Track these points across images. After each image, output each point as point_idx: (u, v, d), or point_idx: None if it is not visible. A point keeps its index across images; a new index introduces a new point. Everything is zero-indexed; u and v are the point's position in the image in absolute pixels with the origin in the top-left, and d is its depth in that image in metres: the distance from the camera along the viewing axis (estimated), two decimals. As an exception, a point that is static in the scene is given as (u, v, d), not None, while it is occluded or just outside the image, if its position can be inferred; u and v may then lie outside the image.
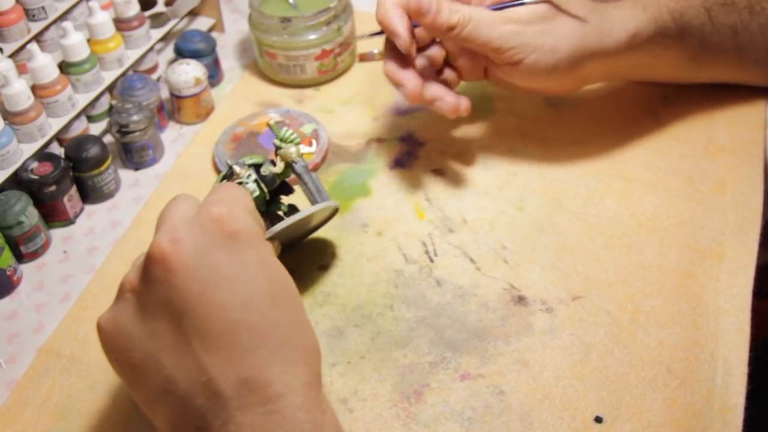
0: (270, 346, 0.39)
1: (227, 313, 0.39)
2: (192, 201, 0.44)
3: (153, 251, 0.40)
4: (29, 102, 0.63)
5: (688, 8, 0.62)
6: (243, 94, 0.77)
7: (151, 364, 0.39)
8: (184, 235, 0.40)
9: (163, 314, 0.39)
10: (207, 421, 0.38)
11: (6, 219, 0.60)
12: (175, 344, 0.39)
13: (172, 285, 0.39)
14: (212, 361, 0.38)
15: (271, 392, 0.38)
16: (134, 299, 0.40)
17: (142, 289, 0.40)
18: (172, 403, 0.39)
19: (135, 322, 0.40)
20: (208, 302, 0.39)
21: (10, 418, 0.53)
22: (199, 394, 0.38)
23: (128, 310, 0.40)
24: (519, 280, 0.58)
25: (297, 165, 0.56)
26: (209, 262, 0.39)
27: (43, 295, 0.61)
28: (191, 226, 0.40)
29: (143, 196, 0.68)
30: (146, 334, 0.40)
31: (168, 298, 0.39)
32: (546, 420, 0.50)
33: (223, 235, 0.40)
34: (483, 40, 0.58)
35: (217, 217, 0.40)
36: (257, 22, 0.75)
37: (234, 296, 0.39)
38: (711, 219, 0.61)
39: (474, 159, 0.68)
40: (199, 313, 0.39)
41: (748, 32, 0.64)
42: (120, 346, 0.41)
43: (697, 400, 0.50)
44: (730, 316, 0.54)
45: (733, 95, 0.70)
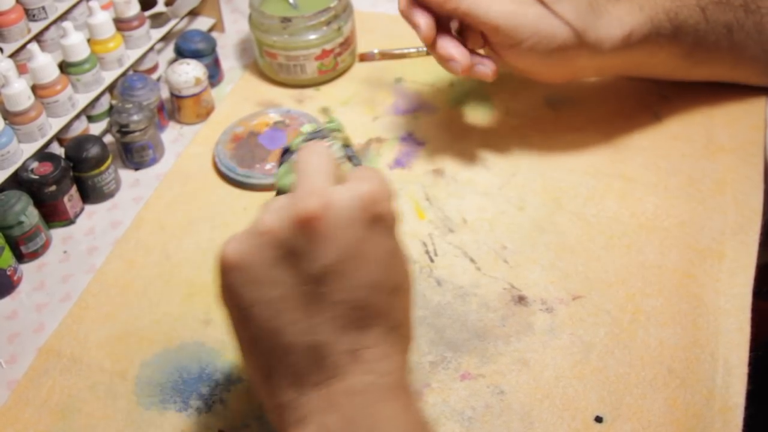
0: (382, 328, 0.41)
1: (354, 288, 0.40)
2: (330, 161, 0.43)
3: (302, 207, 0.39)
4: (29, 102, 0.63)
5: (683, 7, 0.63)
6: (243, 94, 0.77)
7: (264, 309, 0.40)
8: (335, 202, 0.40)
9: (293, 268, 0.39)
10: (303, 378, 0.40)
11: (6, 219, 0.60)
12: (297, 299, 0.39)
13: (311, 245, 0.39)
14: (327, 328, 0.39)
15: (375, 368, 0.40)
16: (269, 243, 0.40)
17: (280, 237, 0.40)
18: (273, 351, 0.40)
19: (265, 264, 0.40)
20: (340, 273, 0.39)
21: (11, 418, 0.53)
22: (303, 352, 0.40)
23: (260, 251, 0.40)
24: (519, 280, 0.58)
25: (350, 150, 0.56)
26: (352, 236, 0.40)
27: (44, 295, 0.61)
28: (343, 194, 0.40)
29: (143, 196, 0.68)
30: (270, 280, 0.40)
31: (303, 256, 0.39)
32: (546, 420, 0.50)
33: (370, 214, 0.40)
34: (483, 17, 0.58)
35: (369, 196, 0.40)
36: (257, 22, 0.75)
37: (364, 275, 0.40)
38: (711, 219, 0.61)
39: (474, 159, 0.68)
40: (327, 280, 0.39)
41: (744, 31, 0.64)
42: (240, 282, 0.40)
43: (697, 400, 0.50)
44: (731, 316, 0.54)
45: (732, 95, 0.70)
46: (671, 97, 0.71)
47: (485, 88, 0.74)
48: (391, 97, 0.75)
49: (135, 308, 0.59)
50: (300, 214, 0.39)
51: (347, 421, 0.39)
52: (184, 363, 0.55)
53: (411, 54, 0.79)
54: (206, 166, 0.70)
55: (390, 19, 0.83)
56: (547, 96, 0.73)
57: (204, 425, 0.51)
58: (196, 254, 0.62)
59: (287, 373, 0.40)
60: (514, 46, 0.60)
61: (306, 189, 0.40)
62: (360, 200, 0.40)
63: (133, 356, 0.56)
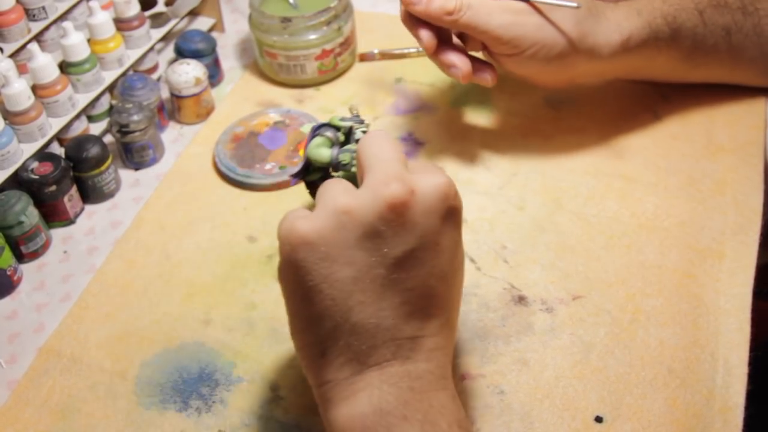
0: (442, 319, 0.42)
1: (426, 276, 0.41)
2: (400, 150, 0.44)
3: (389, 192, 0.40)
4: (29, 102, 0.63)
5: (681, 11, 0.63)
6: (243, 94, 0.77)
7: (335, 288, 0.40)
8: (419, 190, 0.41)
9: (372, 250, 0.40)
10: (362, 358, 0.41)
11: (6, 219, 0.60)
12: (371, 281, 0.40)
13: (395, 231, 0.40)
14: (394, 312, 0.40)
15: (432, 356, 0.41)
16: (349, 223, 0.40)
17: (361, 218, 0.40)
18: (335, 329, 0.41)
19: (341, 244, 0.40)
20: (416, 260, 0.40)
21: (11, 418, 0.53)
22: (367, 334, 0.40)
23: (338, 230, 0.40)
24: (519, 280, 0.58)
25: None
26: (431, 224, 0.41)
27: (44, 295, 0.61)
28: (424, 182, 0.41)
29: (143, 196, 0.68)
30: (346, 259, 0.40)
31: (384, 239, 0.40)
32: (546, 420, 0.50)
33: (446, 206, 0.41)
34: (483, 28, 0.58)
35: (446, 186, 0.42)
36: (257, 22, 0.75)
37: (436, 264, 0.41)
38: (711, 219, 0.61)
39: (474, 159, 0.68)
40: (404, 266, 0.40)
41: (742, 33, 0.64)
42: (313, 259, 0.40)
43: (697, 399, 0.50)
44: (731, 316, 0.54)
45: (732, 95, 0.70)
46: (671, 97, 0.71)
47: (485, 89, 0.74)
48: (391, 97, 0.75)
49: (135, 308, 0.59)
50: (387, 198, 0.40)
51: (402, 403, 0.40)
52: (184, 363, 0.55)
53: (411, 54, 0.79)
54: (206, 166, 0.70)
55: (390, 19, 0.83)
56: (547, 96, 0.73)
57: (204, 425, 0.51)
58: (196, 254, 0.62)
59: (346, 351, 0.41)
60: (514, 55, 0.60)
61: (388, 174, 0.41)
62: (440, 190, 0.41)
63: (133, 356, 0.56)
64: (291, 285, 0.42)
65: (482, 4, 0.58)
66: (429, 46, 0.60)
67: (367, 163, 0.43)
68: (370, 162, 0.42)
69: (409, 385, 0.40)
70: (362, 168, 0.43)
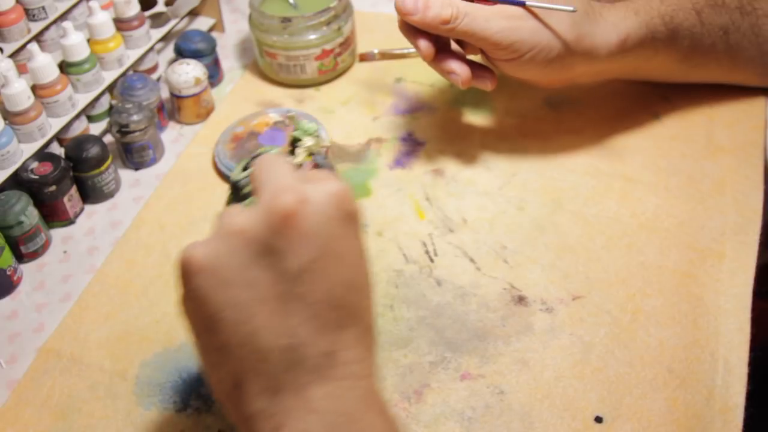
0: (358, 329, 0.40)
1: (332, 286, 0.39)
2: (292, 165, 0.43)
3: (279, 204, 0.38)
4: (29, 102, 0.63)
5: (679, 11, 0.63)
6: (243, 94, 0.77)
7: (238, 312, 0.39)
8: (311, 199, 0.39)
9: (269, 268, 0.38)
10: (279, 383, 0.38)
11: (6, 219, 0.60)
12: (272, 300, 0.38)
13: (289, 243, 0.38)
14: (304, 328, 0.38)
15: (352, 371, 0.39)
16: (242, 244, 0.39)
17: (254, 236, 0.39)
18: (247, 357, 0.39)
19: (237, 267, 0.39)
20: (318, 271, 0.39)
21: (11, 418, 0.53)
22: (280, 355, 0.38)
23: (232, 253, 0.39)
24: (519, 280, 0.58)
25: (318, 157, 0.56)
26: (328, 232, 0.39)
27: (44, 294, 0.61)
28: (316, 191, 0.40)
29: (143, 196, 0.68)
30: (245, 282, 0.39)
31: (280, 254, 0.38)
32: (546, 420, 0.50)
33: (344, 211, 0.40)
34: (480, 35, 0.58)
35: (341, 193, 0.40)
36: (257, 22, 0.75)
37: (341, 273, 0.39)
38: (711, 219, 0.61)
39: (474, 159, 0.68)
40: (306, 279, 0.38)
41: (740, 32, 0.64)
42: (211, 286, 0.39)
43: (697, 400, 0.50)
44: (730, 316, 0.54)
45: (733, 95, 0.70)
46: (671, 98, 0.71)
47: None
48: (391, 97, 0.75)
49: (135, 308, 0.59)
50: (277, 211, 0.38)
51: (328, 427, 0.38)
52: (183, 363, 0.55)
53: (411, 54, 0.79)
54: (206, 166, 0.70)
55: (390, 19, 0.83)
56: (547, 96, 0.73)
57: (204, 425, 0.51)
58: (196, 254, 0.62)
59: (261, 379, 0.39)
60: (513, 59, 0.60)
61: (278, 187, 0.39)
62: (335, 197, 0.40)
63: (133, 356, 0.56)
64: (193, 317, 0.41)
65: (478, 11, 0.58)
66: (427, 54, 0.60)
67: (259, 184, 0.41)
68: (261, 182, 0.41)
69: (330, 407, 0.38)
70: (257, 191, 0.42)
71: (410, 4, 0.58)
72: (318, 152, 0.55)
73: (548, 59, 0.60)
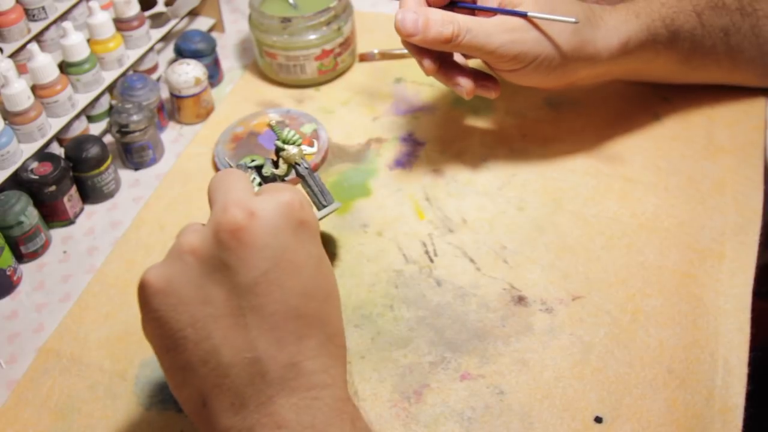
0: (320, 338, 0.40)
1: (288, 297, 0.39)
2: (246, 180, 0.43)
3: (226, 220, 0.39)
4: (29, 102, 0.63)
5: (680, 13, 0.63)
6: (243, 94, 0.77)
7: (198, 330, 0.39)
8: (259, 211, 0.39)
9: (223, 283, 0.39)
10: (245, 398, 0.39)
11: (6, 219, 0.60)
12: (230, 316, 0.39)
13: (240, 257, 0.39)
14: (264, 341, 0.39)
15: (318, 380, 0.39)
16: (195, 262, 0.39)
17: (205, 253, 0.39)
18: (210, 374, 0.39)
19: (191, 285, 0.39)
20: (272, 282, 0.39)
21: (10, 418, 0.53)
22: (242, 370, 0.38)
23: (186, 272, 0.39)
24: (519, 280, 0.58)
25: (300, 167, 0.56)
26: (280, 243, 0.39)
27: (43, 295, 0.61)
28: (264, 203, 0.40)
29: (143, 196, 0.68)
30: (200, 300, 0.39)
31: (232, 269, 0.39)
32: (546, 420, 0.50)
33: (295, 220, 0.40)
34: (483, 49, 0.58)
35: (290, 202, 0.40)
36: (257, 22, 0.75)
37: (297, 283, 0.39)
38: (711, 219, 0.61)
39: (474, 159, 0.68)
40: (260, 291, 0.39)
41: (740, 34, 0.64)
42: (168, 306, 0.39)
43: (697, 400, 0.50)
44: (730, 316, 0.54)
45: (733, 95, 0.70)
46: (671, 98, 0.71)
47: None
48: (391, 97, 0.75)
49: (135, 308, 0.58)
50: (225, 226, 0.39)
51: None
52: (183, 363, 0.55)
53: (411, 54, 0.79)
54: (206, 166, 0.70)
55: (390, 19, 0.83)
56: (547, 96, 0.73)
57: (204, 425, 0.51)
58: (196, 254, 0.62)
59: (227, 395, 0.39)
60: (516, 70, 0.60)
61: (227, 202, 0.40)
62: (283, 207, 0.40)
63: (132, 356, 0.56)
64: (155, 338, 0.41)
65: (480, 26, 0.57)
66: (431, 71, 0.60)
67: (212, 201, 0.42)
68: (213, 198, 0.42)
69: (297, 420, 0.38)
70: (210, 207, 0.42)
71: (410, 26, 0.57)
72: (298, 162, 0.56)
73: (551, 67, 0.59)
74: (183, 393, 0.41)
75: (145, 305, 0.41)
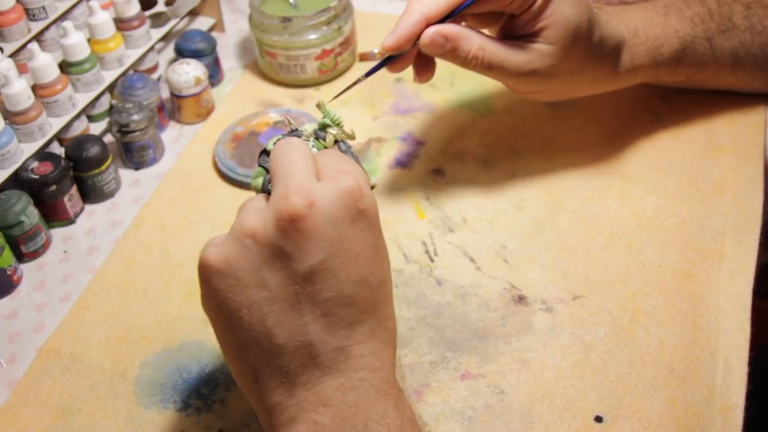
0: (370, 323, 0.41)
1: (343, 285, 0.40)
2: (309, 151, 0.43)
3: (287, 208, 0.39)
4: (29, 102, 0.63)
5: (692, 43, 0.63)
6: (243, 94, 0.77)
7: (254, 312, 0.40)
8: (319, 200, 0.40)
9: (280, 268, 0.39)
10: (295, 378, 0.40)
11: (6, 218, 0.60)
12: (285, 300, 0.40)
13: (298, 245, 0.39)
14: (317, 326, 0.40)
15: (365, 363, 0.40)
16: (254, 246, 0.40)
17: (264, 239, 0.40)
18: (263, 354, 0.40)
19: (250, 268, 0.40)
20: (328, 271, 0.39)
21: (11, 418, 0.53)
22: (294, 353, 0.40)
23: (245, 255, 0.40)
24: (519, 280, 0.58)
25: (344, 145, 0.56)
26: (338, 233, 0.40)
27: (44, 294, 0.61)
28: (325, 190, 0.40)
29: (143, 196, 0.68)
30: (258, 283, 0.40)
31: (290, 256, 0.39)
32: (546, 419, 0.50)
33: (354, 209, 0.40)
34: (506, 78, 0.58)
35: (350, 190, 0.40)
36: (257, 22, 0.75)
37: (352, 272, 0.40)
38: (711, 219, 0.61)
39: (474, 159, 0.68)
40: (316, 279, 0.39)
41: (750, 55, 0.64)
42: (226, 287, 0.40)
43: (697, 399, 0.50)
44: (731, 315, 0.54)
45: (733, 95, 0.70)
46: (671, 98, 0.71)
47: (485, 88, 0.74)
48: (391, 97, 0.75)
49: (135, 308, 0.59)
50: (284, 215, 0.39)
51: (339, 419, 0.39)
52: (184, 363, 0.55)
53: (411, 54, 0.79)
54: (206, 165, 0.70)
55: (390, 19, 0.83)
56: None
57: (204, 425, 0.51)
58: (196, 254, 0.61)
59: (277, 374, 0.40)
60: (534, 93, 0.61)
61: (288, 187, 0.40)
62: (343, 196, 0.40)
63: (133, 356, 0.56)
64: (213, 315, 0.42)
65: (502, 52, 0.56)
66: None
67: (274, 178, 0.42)
68: (275, 177, 0.42)
69: (342, 398, 0.39)
70: (272, 181, 0.42)
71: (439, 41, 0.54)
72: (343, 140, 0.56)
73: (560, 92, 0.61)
74: (237, 367, 0.42)
75: (204, 283, 0.41)
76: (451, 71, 0.78)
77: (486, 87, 0.74)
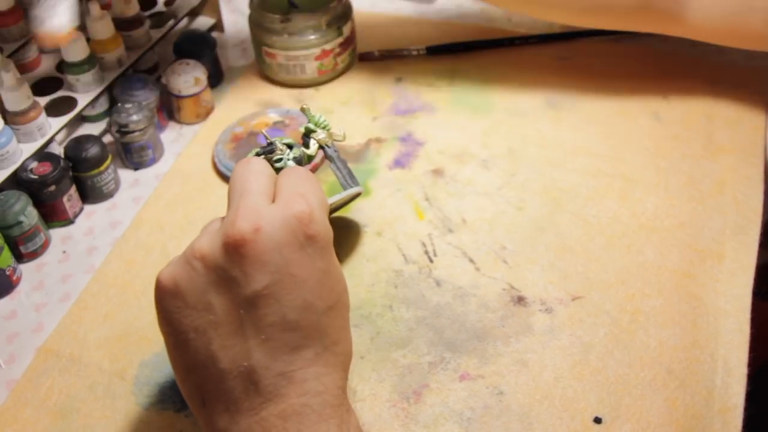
0: (316, 348, 0.41)
1: (286, 311, 0.40)
2: (268, 173, 0.43)
3: (233, 232, 0.39)
4: (29, 102, 0.63)
5: None
6: (243, 94, 0.77)
7: (199, 335, 0.40)
8: (265, 226, 0.40)
9: (226, 293, 0.40)
10: (239, 404, 0.40)
11: (5, 219, 0.60)
12: (228, 324, 0.40)
13: (243, 270, 0.39)
14: (260, 351, 0.39)
15: (308, 388, 0.40)
16: (202, 269, 0.40)
17: (212, 262, 0.40)
18: (209, 378, 0.40)
19: (196, 290, 0.40)
20: (271, 296, 0.39)
21: (10, 418, 0.53)
22: (237, 377, 0.39)
23: (193, 277, 0.40)
24: (519, 281, 0.58)
25: (329, 149, 0.57)
26: (283, 259, 0.40)
27: (43, 294, 0.61)
28: (273, 217, 0.40)
29: (143, 196, 0.68)
30: (203, 305, 0.40)
31: (235, 280, 0.39)
32: (545, 420, 0.50)
33: (302, 235, 0.40)
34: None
35: (299, 216, 0.40)
36: (257, 22, 0.75)
37: (297, 298, 0.40)
38: (711, 219, 0.61)
39: (474, 159, 0.68)
40: (260, 304, 0.39)
41: None
42: (173, 308, 0.40)
43: (696, 400, 0.50)
44: (730, 316, 0.54)
45: (733, 95, 0.70)
46: (671, 98, 0.71)
47: (485, 88, 0.74)
48: (391, 97, 0.75)
49: (134, 308, 0.59)
50: (230, 239, 0.39)
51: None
52: (183, 363, 0.55)
53: (411, 54, 0.79)
54: (206, 166, 0.70)
55: (390, 19, 0.83)
56: (547, 96, 0.73)
57: (203, 425, 0.51)
58: (196, 254, 0.62)
59: (223, 399, 0.40)
60: None
61: (238, 210, 0.40)
62: (291, 221, 0.40)
63: (132, 356, 0.56)
64: (164, 335, 0.42)
65: None
66: None
67: (228, 200, 0.42)
68: (229, 198, 0.42)
69: (284, 426, 0.39)
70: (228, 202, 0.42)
71: None
72: (328, 145, 0.57)
73: None
74: (185, 389, 0.42)
75: (156, 303, 0.42)
76: (451, 71, 0.78)
77: (486, 87, 0.74)
